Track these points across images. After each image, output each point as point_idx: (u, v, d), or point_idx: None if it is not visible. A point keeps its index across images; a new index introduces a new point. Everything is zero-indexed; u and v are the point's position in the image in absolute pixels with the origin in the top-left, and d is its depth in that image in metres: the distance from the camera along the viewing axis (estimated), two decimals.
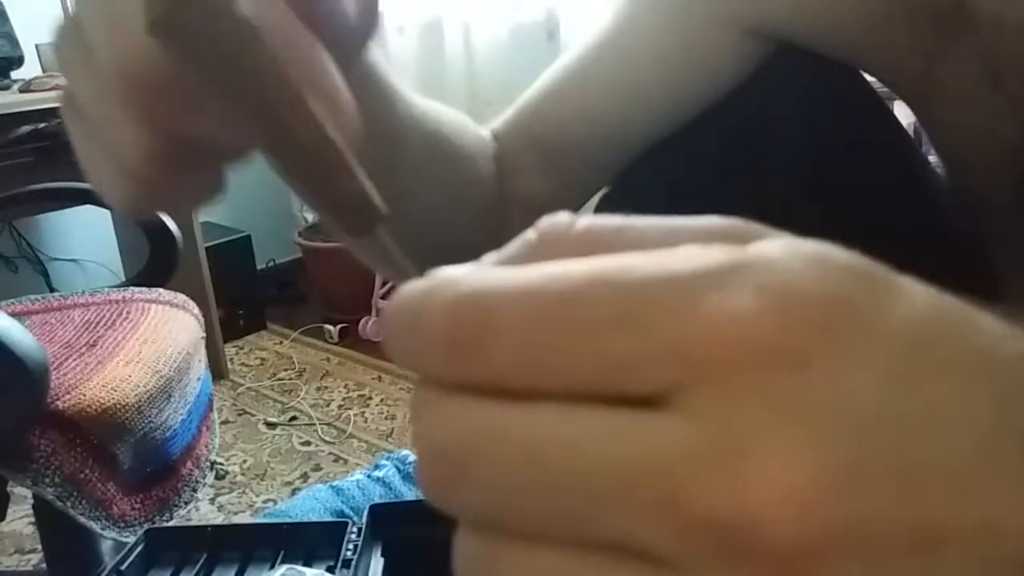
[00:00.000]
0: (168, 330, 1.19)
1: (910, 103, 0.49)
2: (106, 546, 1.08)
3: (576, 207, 0.53)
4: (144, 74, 0.22)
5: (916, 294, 0.15)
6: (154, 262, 1.37)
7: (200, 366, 1.24)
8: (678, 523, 0.13)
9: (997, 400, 0.14)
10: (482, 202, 0.49)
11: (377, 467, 1.44)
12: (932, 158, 0.53)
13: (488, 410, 0.15)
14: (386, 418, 2.01)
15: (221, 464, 1.82)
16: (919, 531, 0.13)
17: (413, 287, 0.16)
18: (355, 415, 2.03)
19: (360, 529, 0.74)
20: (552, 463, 0.14)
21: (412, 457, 1.32)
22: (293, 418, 2.04)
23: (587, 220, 0.17)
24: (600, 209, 0.54)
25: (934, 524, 0.13)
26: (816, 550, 0.13)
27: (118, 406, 0.99)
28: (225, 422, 2.01)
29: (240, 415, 2.06)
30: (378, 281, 2.41)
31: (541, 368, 0.15)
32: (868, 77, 0.49)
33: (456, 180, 0.47)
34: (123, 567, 0.71)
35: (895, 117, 0.51)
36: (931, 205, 0.51)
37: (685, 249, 0.15)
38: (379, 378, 2.22)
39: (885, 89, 0.49)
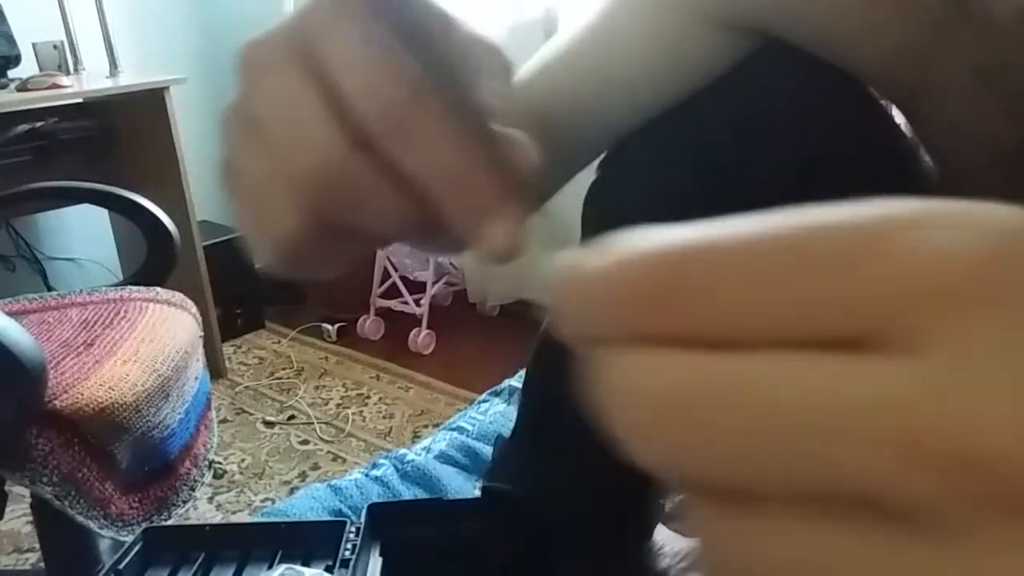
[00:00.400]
0: (166, 329, 1.19)
1: (899, 103, 0.49)
2: (104, 545, 1.08)
3: (561, 184, 0.55)
4: (326, 177, 0.24)
5: None
6: (152, 261, 1.36)
7: (198, 365, 1.24)
8: (922, 463, 0.13)
9: None
10: None
11: (375, 466, 1.44)
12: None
13: (705, 359, 0.15)
14: (384, 417, 2.01)
15: (219, 463, 1.82)
16: None
17: (584, 256, 0.16)
18: (353, 414, 2.03)
19: (358, 528, 0.74)
20: (789, 406, 0.14)
21: (410, 456, 1.32)
22: (291, 417, 2.04)
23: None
24: (590, 199, 0.56)
25: None
26: None
27: (116, 405, 0.99)
28: (223, 421, 2.01)
29: (238, 414, 2.07)
30: (376, 280, 2.41)
31: (747, 317, 0.14)
32: None
33: None
34: (121, 566, 0.71)
35: (889, 114, 0.51)
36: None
37: (879, 202, 0.15)
38: (377, 377, 2.22)
39: None
